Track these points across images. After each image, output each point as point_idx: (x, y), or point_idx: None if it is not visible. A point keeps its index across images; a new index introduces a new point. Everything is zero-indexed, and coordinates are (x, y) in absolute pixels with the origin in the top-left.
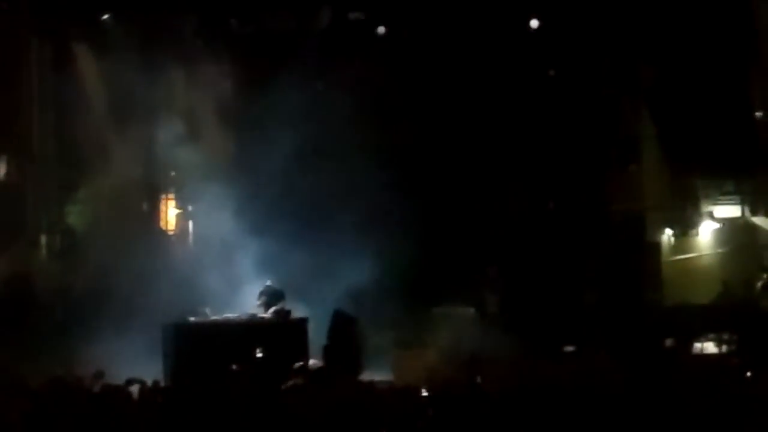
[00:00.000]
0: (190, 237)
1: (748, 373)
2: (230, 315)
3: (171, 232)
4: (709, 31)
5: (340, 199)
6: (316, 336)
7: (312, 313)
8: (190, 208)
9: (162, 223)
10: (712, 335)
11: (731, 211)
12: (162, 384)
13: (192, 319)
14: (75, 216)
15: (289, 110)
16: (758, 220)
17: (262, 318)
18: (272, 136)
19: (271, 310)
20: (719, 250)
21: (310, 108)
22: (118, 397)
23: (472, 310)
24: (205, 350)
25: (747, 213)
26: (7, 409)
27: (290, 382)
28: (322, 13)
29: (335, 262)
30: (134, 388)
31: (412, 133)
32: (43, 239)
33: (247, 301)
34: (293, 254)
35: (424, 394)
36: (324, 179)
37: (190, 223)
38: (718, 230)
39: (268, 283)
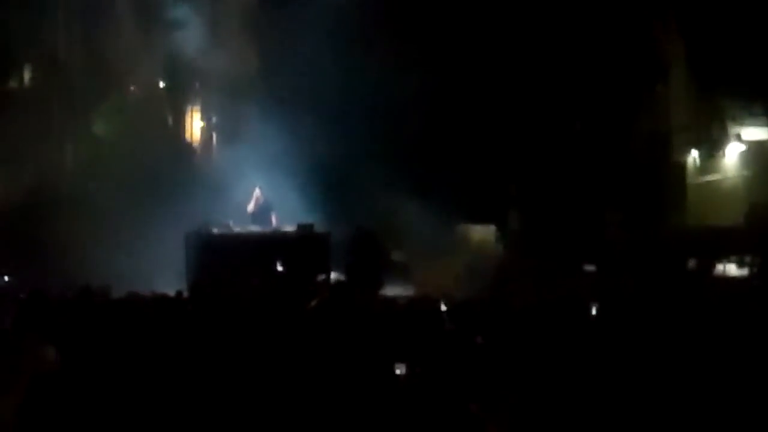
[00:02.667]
0: (214, 148)
1: None
2: (253, 227)
3: (195, 143)
4: None
5: (365, 115)
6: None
7: (332, 227)
8: (214, 119)
9: (187, 135)
10: (734, 257)
11: (759, 133)
12: (185, 295)
13: (215, 229)
14: (100, 125)
15: (317, 20)
16: None
17: (285, 231)
18: (299, 47)
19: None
20: (745, 172)
21: (339, 18)
22: (143, 307)
23: (493, 227)
24: (228, 261)
25: None
26: (31, 320)
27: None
28: None
29: (358, 177)
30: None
31: (441, 52)
32: (69, 148)
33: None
34: (317, 167)
35: (443, 308)
36: (351, 93)
37: (214, 135)
38: (745, 152)
39: (258, 188)
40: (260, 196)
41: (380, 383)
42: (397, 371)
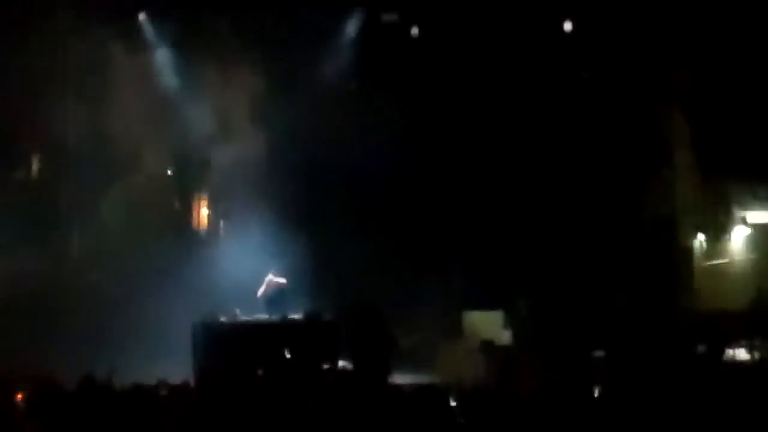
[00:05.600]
0: (222, 236)
1: None
2: (260, 315)
3: (203, 231)
4: (745, 34)
5: (373, 203)
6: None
7: (341, 314)
8: (222, 207)
9: (194, 223)
10: (744, 342)
11: (764, 216)
12: (191, 384)
13: (222, 318)
14: (108, 214)
15: (323, 111)
16: None
17: (293, 319)
18: (305, 137)
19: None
20: (752, 256)
21: (345, 109)
22: (148, 397)
23: (500, 313)
24: (235, 350)
25: None
26: (35, 409)
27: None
28: (356, 15)
29: (365, 264)
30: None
31: (447, 134)
32: (76, 237)
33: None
34: (324, 255)
35: (453, 401)
36: (359, 180)
37: (222, 223)
38: (751, 235)
39: (271, 274)
40: (273, 281)
41: None
42: None
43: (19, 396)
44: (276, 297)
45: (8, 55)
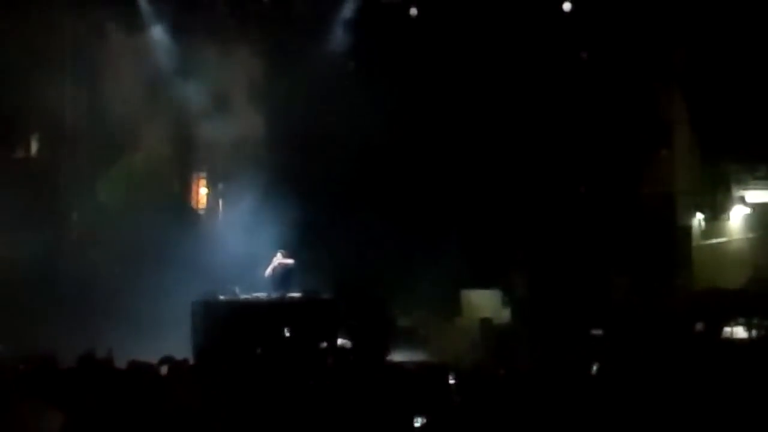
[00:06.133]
0: (221, 215)
1: None
2: (260, 294)
3: (201, 211)
4: (743, 14)
5: (370, 180)
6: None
7: (340, 293)
8: (220, 186)
9: (193, 202)
10: (742, 320)
11: (763, 195)
12: (191, 362)
13: (221, 297)
14: (106, 193)
15: (320, 90)
16: None
17: (292, 298)
18: (303, 116)
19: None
20: (750, 235)
21: (342, 88)
22: (147, 375)
23: (499, 291)
24: (234, 329)
25: None
26: (36, 388)
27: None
28: None
29: (365, 242)
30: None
31: (445, 114)
32: (75, 216)
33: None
34: (323, 233)
35: (451, 379)
36: (356, 158)
37: (220, 202)
38: (750, 215)
39: (280, 253)
40: (281, 261)
41: None
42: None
43: (20, 373)
44: (283, 277)
45: (7, 34)
